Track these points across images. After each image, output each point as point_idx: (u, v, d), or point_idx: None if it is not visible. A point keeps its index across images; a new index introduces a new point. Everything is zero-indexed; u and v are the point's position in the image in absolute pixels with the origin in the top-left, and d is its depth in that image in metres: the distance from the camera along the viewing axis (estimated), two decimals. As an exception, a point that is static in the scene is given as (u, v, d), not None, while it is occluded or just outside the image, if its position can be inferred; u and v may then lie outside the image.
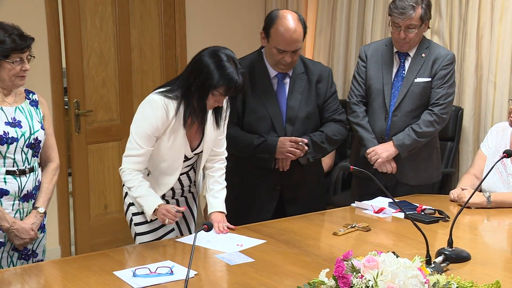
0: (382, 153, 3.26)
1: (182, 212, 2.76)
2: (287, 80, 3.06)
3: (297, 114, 3.05)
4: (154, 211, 2.53)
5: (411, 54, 3.29)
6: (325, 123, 3.16)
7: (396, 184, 3.30)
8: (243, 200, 3.13)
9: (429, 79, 3.27)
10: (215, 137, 2.71)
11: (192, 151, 2.67)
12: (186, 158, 2.67)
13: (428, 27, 3.31)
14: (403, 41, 3.21)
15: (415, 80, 3.27)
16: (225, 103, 2.66)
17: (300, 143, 3.00)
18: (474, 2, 3.84)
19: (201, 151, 2.69)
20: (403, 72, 3.31)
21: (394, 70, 3.32)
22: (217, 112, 2.65)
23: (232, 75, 2.46)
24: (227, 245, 2.47)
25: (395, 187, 3.27)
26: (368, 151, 3.29)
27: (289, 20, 2.88)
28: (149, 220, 2.64)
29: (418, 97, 3.27)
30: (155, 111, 2.53)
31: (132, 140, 2.57)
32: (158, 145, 2.59)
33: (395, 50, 3.32)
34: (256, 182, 3.11)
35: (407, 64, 3.30)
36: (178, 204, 2.75)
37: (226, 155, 2.81)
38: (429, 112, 3.26)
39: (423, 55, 3.28)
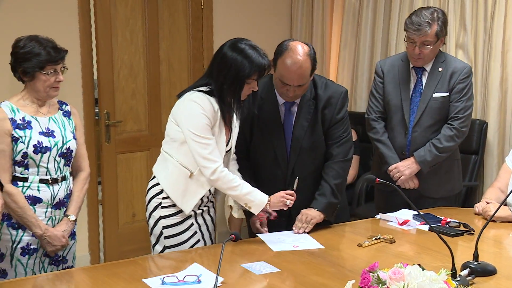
0: (404, 170, 3.25)
1: (206, 223, 2.82)
2: (295, 109, 2.90)
3: (301, 144, 2.89)
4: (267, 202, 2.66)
5: (428, 69, 3.28)
6: (328, 150, 2.93)
7: (420, 197, 3.29)
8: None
9: (447, 94, 3.25)
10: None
11: None
12: None
13: (444, 43, 3.29)
14: (418, 56, 3.20)
15: (433, 95, 3.25)
16: None
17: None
18: (499, 17, 3.85)
19: (230, 149, 2.74)
20: (421, 87, 3.29)
21: (412, 86, 3.31)
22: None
23: (260, 60, 2.59)
24: (283, 244, 2.62)
25: (418, 200, 3.25)
26: (390, 168, 3.29)
27: (297, 53, 2.69)
28: (259, 212, 2.68)
29: (437, 111, 3.26)
30: (203, 104, 2.58)
31: (199, 139, 2.57)
32: None
33: (411, 65, 3.30)
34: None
35: (424, 79, 3.29)
36: (202, 215, 2.78)
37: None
38: (448, 126, 3.25)
39: (440, 69, 3.25)
